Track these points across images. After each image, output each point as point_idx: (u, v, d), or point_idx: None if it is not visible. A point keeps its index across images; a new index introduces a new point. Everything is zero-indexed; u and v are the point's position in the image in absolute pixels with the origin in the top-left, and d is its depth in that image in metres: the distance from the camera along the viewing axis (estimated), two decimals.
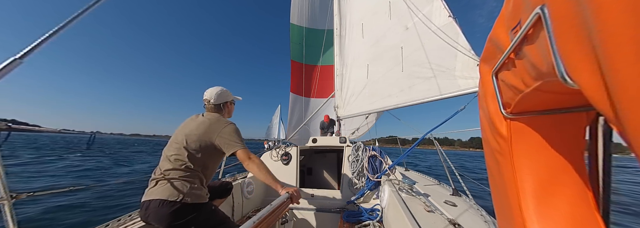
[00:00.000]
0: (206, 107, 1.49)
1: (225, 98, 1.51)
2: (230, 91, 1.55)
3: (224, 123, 1.38)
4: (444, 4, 2.14)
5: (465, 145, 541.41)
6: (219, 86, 1.51)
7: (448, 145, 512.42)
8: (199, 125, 1.34)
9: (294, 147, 3.02)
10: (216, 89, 1.48)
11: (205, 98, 1.47)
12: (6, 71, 0.79)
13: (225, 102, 1.51)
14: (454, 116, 1.98)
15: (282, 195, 1.32)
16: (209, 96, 1.46)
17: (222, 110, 1.51)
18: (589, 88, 0.26)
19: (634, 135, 0.22)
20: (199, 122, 1.36)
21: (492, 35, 0.51)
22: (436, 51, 2.14)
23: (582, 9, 0.25)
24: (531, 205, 0.42)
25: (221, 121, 1.39)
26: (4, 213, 0.95)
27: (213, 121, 1.37)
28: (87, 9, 1.11)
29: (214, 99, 1.46)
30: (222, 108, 1.51)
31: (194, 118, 1.44)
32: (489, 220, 1.40)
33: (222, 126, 1.34)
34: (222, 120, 1.40)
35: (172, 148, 1.30)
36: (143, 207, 1.19)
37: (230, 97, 1.55)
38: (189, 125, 1.37)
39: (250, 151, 1.34)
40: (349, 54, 3.70)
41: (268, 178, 1.33)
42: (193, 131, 1.31)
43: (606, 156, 0.38)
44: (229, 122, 1.40)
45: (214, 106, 1.47)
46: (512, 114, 0.48)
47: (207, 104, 1.47)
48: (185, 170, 1.24)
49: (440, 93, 2.04)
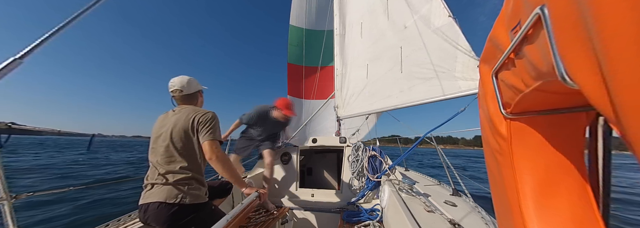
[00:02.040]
0: (176, 98, 1.37)
1: (196, 87, 1.41)
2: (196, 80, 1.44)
3: (203, 110, 1.31)
4: (443, 4, 2.13)
5: (469, 144, 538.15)
6: (185, 75, 1.38)
7: (452, 143, 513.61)
8: (177, 119, 1.26)
9: (294, 147, 3.02)
10: (185, 77, 1.36)
11: (175, 87, 1.33)
12: (6, 71, 0.79)
13: (196, 91, 1.41)
14: (455, 117, 1.98)
15: (252, 194, 1.36)
16: (179, 85, 1.33)
17: (196, 100, 1.42)
18: (589, 88, 0.26)
19: (634, 135, 0.22)
20: (177, 117, 1.27)
21: (492, 35, 0.52)
22: (436, 51, 2.13)
23: (582, 9, 0.25)
24: (531, 205, 0.42)
25: (200, 110, 1.32)
26: (4, 213, 0.95)
27: (191, 111, 1.29)
28: (87, 9, 1.11)
29: (186, 89, 1.35)
30: (195, 98, 1.42)
31: (167, 115, 1.34)
32: (489, 220, 1.39)
33: (201, 113, 1.28)
34: (199, 109, 1.33)
35: (158, 150, 1.23)
36: (141, 209, 1.17)
37: (199, 86, 1.45)
38: (166, 123, 1.28)
39: (219, 145, 1.26)
40: (348, 54, 3.70)
41: (233, 176, 1.30)
42: (175, 127, 1.23)
43: (606, 156, 0.38)
44: (207, 111, 1.32)
45: (186, 96, 1.36)
46: (512, 114, 0.48)
47: (178, 94, 1.34)
48: (178, 170, 1.20)
49: (440, 94, 2.03)
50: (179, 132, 1.23)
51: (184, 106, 1.36)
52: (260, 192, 1.40)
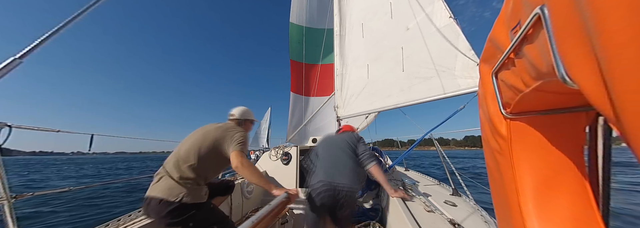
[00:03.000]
0: (229, 120, 1.68)
1: (247, 116, 1.71)
2: (253, 113, 1.76)
3: (239, 128, 1.52)
4: (444, 5, 2.14)
5: (460, 144, 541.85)
6: (245, 107, 1.73)
7: (444, 144, 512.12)
8: (217, 128, 1.45)
9: (294, 147, 3.02)
10: (243, 108, 1.72)
11: (231, 112, 1.70)
12: (6, 71, 0.79)
13: (245, 119, 1.70)
14: (454, 115, 1.98)
15: (281, 195, 1.32)
16: (235, 111, 1.69)
17: (242, 125, 1.67)
18: (589, 88, 0.26)
19: (634, 135, 0.22)
20: (217, 126, 1.49)
21: (492, 35, 0.51)
22: (436, 51, 2.14)
23: (582, 10, 0.24)
24: (531, 205, 0.42)
25: (237, 127, 1.53)
26: (4, 213, 0.95)
27: (230, 126, 1.52)
28: (87, 9, 1.11)
29: (238, 115, 1.67)
30: (242, 124, 1.68)
31: (213, 124, 1.56)
32: (489, 220, 1.40)
33: (236, 129, 1.48)
34: (239, 127, 1.55)
35: (186, 144, 1.37)
36: (145, 202, 1.23)
37: (251, 116, 1.74)
38: (207, 128, 1.48)
39: (245, 156, 1.39)
40: (349, 54, 3.70)
41: (261, 181, 1.35)
42: (209, 134, 1.41)
43: (606, 156, 0.38)
44: (243, 130, 1.53)
45: (236, 120, 1.66)
46: (512, 114, 0.48)
47: (231, 117, 1.67)
48: (188, 169, 1.27)
49: (439, 93, 2.04)
50: (212, 138, 1.38)
51: (230, 122, 1.63)
52: (289, 193, 1.37)
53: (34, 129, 1.11)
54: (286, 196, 1.33)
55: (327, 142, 1.88)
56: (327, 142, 1.87)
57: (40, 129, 1.16)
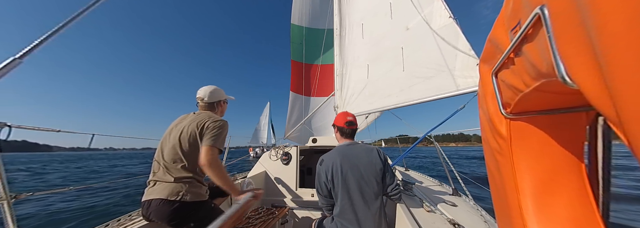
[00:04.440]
0: (199, 105, 1.50)
1: (218, 97, 1.51)
2: (223, 90, 1.55)
3: (216, 118, 1.38)
4: (444, 5, 2.15)
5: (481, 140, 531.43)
6: (213, 85, 1.51)
7: (464, 141, 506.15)
8: (191, 122, 1.33)
9: (294, 147, 3.02)
10: (210, 87, 1.49)
11: (199, 96, 1.47)
12: (6, 71, 0.79)
13: (218, 100, 1.52)
14: (454, 114, 1.98)
15: (247, 194, 1.27)
16: (202, 94, 1.46)
17: (216, 109, 1.52)
18: (589, 88, 0.26)
19: (634, 136, 0.22)
20: (191, 119, 1.36)
21: (492, 35, 0.51)
22: (436, 51, 2.15)
23: (582, 9, 0.24)
24: (531, 205, 0.42)
25: (213, 116, 1.38)
26: (4, 213, 0.95)
27: (205, 116, 1.36)
28: (87, 9, 1.11)
29: (208, 98, 1.46)
30: (216, 107, 1.52)
31: (185, 117, 1.43)
32: (489, 220, 1.40)
33: (213, 120, 1.34)
34: (215, 116, 1.39)
35: (166, 147, 1.30)
36: (144, 206, 1.21)
37: (223, 96, 1.56)
38: (181, 123, 1.37)
39: (216, 153, 1.26)
40: (349, 54, 3.70)
41: (227, 184, 1.26)
42: (186, 129, 1.31)
43: (606, 156, 0.38)
44: (220, 119, 1.38)
45: (207, 104, 1.48)
46: (511, 114, 0.48)
47: (201, 102, 1.48)
48: (182, 168, 1.25)
49: (440, 92, 2.04)
50: (188, 134, 1.28)
51: (203, 111, 1.45)
52: (255, 192, 1.34)
53: (34, 129, 1.11)
54: (252, 195, 1.29)
55: (349, 164, 1.39)
56: (350, 164, 1.38)
57: (41, 129, 1.16)
